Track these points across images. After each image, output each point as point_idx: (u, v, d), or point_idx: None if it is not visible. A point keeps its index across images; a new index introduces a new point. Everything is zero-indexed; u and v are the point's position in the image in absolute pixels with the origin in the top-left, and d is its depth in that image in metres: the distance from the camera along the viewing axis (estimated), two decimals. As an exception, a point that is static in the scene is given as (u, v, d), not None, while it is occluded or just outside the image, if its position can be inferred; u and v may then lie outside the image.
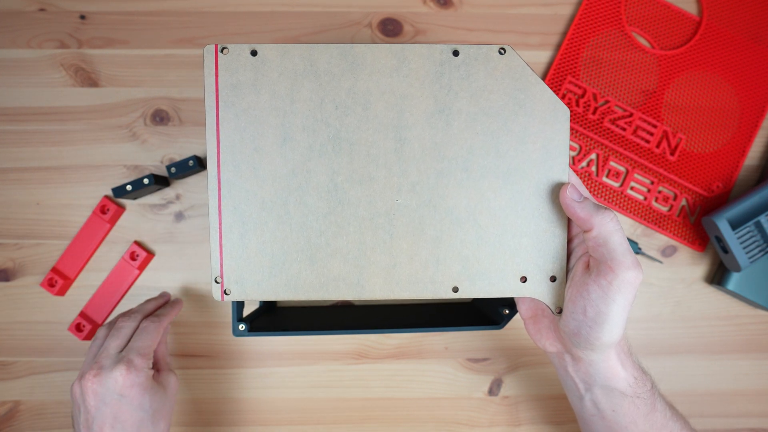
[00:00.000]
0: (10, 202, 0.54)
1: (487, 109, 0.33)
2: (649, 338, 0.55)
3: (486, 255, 0.34)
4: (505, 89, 0.33)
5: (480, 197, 0.34)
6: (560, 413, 0.55)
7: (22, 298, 0.54)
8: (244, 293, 0.33)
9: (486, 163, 0.34)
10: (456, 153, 0.33)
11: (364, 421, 0.54)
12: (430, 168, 0.33)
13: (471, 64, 0.33)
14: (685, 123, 0.57)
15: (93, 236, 0.54)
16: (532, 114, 0.34)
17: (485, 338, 0.55)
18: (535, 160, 0.34)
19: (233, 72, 0.32)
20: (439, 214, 0.34)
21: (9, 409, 0.53)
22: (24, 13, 0.55)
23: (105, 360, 0.41)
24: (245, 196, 0.33)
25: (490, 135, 0.34)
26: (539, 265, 0.34)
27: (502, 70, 0.33)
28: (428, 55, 0.33)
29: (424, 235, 0.34)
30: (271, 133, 0.33)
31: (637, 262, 0.32)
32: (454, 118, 0.33)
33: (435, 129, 0.33)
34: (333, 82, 0.33)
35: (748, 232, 0.52)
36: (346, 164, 0.33)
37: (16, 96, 0.54)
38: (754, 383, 0.56)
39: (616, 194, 0.56)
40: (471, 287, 0.34)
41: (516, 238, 0.34)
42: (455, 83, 0.33)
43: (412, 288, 0.34)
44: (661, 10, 0.57)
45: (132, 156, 0.55)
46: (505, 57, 0.33)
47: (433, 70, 0.33)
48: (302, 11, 0.56)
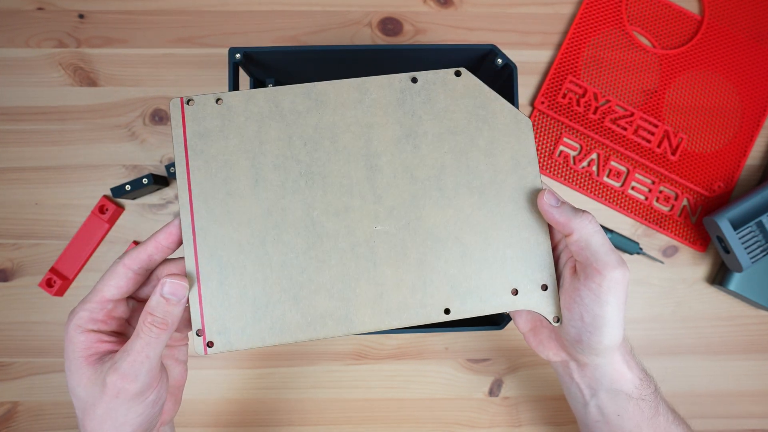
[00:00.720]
0: (9, 201, 0.54)
1: (451, 128, 0.34)
2: (650, 339, 0.55)
3: (473, 272, 0.33)
4: (466, 108, 0.34)
5: (458, 214, 0.34)
6: (560, 414, 0.55)
7: (20, 298, 0.54)
8: (228, 344, 0.32)
9: (459, 180, 0.34)
10: (428, 174, 0.34)
11: (364, 422, 0.54)
12: (405, 191, 0.34)
13: (430, 88, 0.34)
14: (687, 122, 0.56)
15: (92, 236, 0.53)
16: (495, 128, 0.34)
17: (485, 339, 0.55)
18: (506, 171, 0.34)
19: (200, 121, 0.32)
20: (420, 236, 0.33)
21: (7, 409, 0.53)
22: (22, 12, 0.54)
23: None
24: (221, 241, 0.32)
25: (458, 153, 0.34)
26: (528, 275, 0.34)
27: (461, 91, 0.34)
28: (388, 85, 0.34)
29: (407, 259, 0.33)
30: (242, 176, 0.32)
31: (622, 260, 0.32)
32: (421, 140, 0.34)
33: (404, 153, 0.34)
34: (299, 120, 0.33)
35: (749, 232, 0.51)
36: (321, 197, 0.33)
37: (15, 95, 0.54)
38: (756, 384, 0.55)
39: (617, 194, 0.56)
40: (462, 307, 0.33)
41: (500, 251, 0.34)
42: (418, 108, 0.34)
43: (403, 315, 0.33)
44: (663, 10, 0.57)
45: (131, 156, 0.54)
46: (461, 78, 0.34)
47: (394, 98, 0.34)
48: (301, 10, 0.56)
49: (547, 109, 0.56)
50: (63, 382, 0.53)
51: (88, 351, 0.30)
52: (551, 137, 0.56)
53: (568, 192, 0.56)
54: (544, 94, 0.56)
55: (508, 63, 0.44)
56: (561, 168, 0.56)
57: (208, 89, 0.55)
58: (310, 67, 0.48)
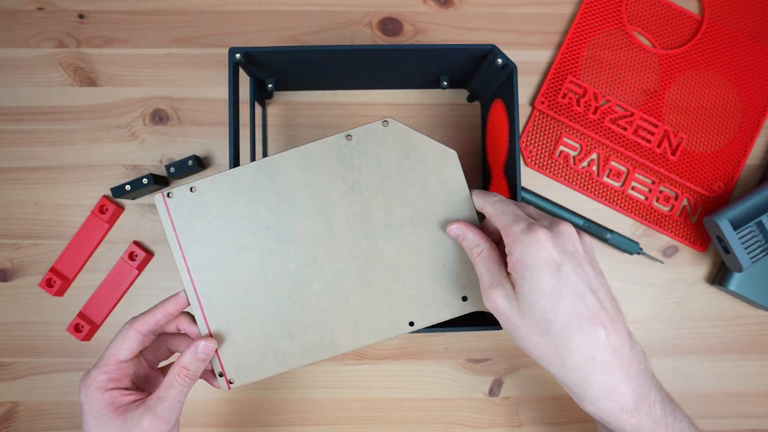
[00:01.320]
0: (9, 202, 0.54)
1: (388, 173, 0.39)
2: (650, 338, 0.55)
3: (427, 288, 0.39)
4: (397, 153, 0.39)
5: (406, 244, 0.39)
6: (561, 414, 0.55)
7: (20, 298, 0.54)
8: (245, 378, 0.39)
9: (402, 216, 0.39)
10: (375, 216, 0.39)
11: (364, 422, 0.54)
12: (359, 234, 0.39)
13: (363, 141, 0.39)
14: (687, 123, 0.56)
15: (92, 236, 0.53)
16: (425, 165, 0.39)
17: (485, 339, 0.55)
18: (440, 200, 0.39)
19: (182, 209, 0.38)
20: (379, 267, 0.39)
21: (7, 410, 0.53)
22: (22, 12, 0.54)
23: None
24: (222, 301, 0.38)
25: (397, 193, 0.39)
26: (473, 282, 0.39)
27: (391, 139, 0.39)
28: (328, 146, 0.39)
29: (372, 289, 0.39)
30: (226, 247, 0.38)
31: (534, 224, 0.33)
32: (365, 188, 0.39)
33: (352, 202, 0.39)
34: (261, 191, 0.38)
35: (749, 232, 0.51)
36: (293, 252, 0.39)
37: (15, 95, 0.54)
38: (756, 384, 0.55)
39: (617, 194, 0.56)
40: (423, 318, 0.39)
41: (446, 267, 0.39)
42: (356, 161, 0.39)
43: (376, 333, 0.39)
44: (663, 9, 0.57)
45: (131, 156, 0.54)
46: (389, 127, 0.39)
47: (335, 157, 0.39)
48: (301, 10, 0.56)
49: (547, 109, 0.56)
50: (63, 382, 0.53)
51: (115, 405, 0.35)
52: (551, 137, 0.56)
53: (568, 192, 0.56)
54: (544, 94, 0.56)
55: (508, 63, 0.44)
56: (561, 168, 0.56)
57: (208, 89, 0.55)
58: (310, 68, 0.48)
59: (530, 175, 0.56)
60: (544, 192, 0.56)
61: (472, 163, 0.56)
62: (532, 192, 0.54)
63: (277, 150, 0.55)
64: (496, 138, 0.50)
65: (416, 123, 0.55)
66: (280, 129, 0.55)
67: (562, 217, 0.54)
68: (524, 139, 0.56)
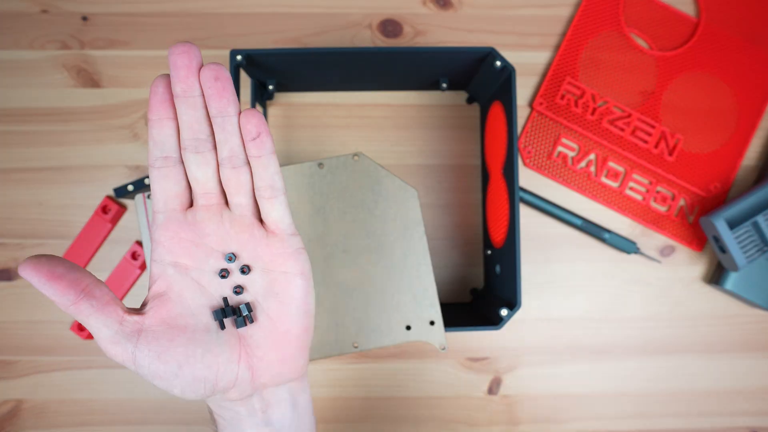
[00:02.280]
0: (13, 202, 0.54)
1: (353, 202, 0.41)
2: (648, 337, 0.56)
3: (374, 314, 0.41)
4: (363, 185, 0.41)
5: (361, 270, 0.41)
6: (559, 412, 0.55)
7: (24, 297, 0.54)
8: None
9: (360, 243, 0.41)
10: (335, 240, 0.41)
11: (364, 421, 0.55)
12: (317, 255, 0.41)
13: (333, 171, 0.41)
14: (683, 124, 0.57)
15: (95, 236, 0.54)
16: (387, 199, 0.42)
17: (485, 338, 0.55)
18: (396, 234, 0.42)
19: None
20: (332, 289, 0.41)
21: (11, 407, 0.54)
22: (26, 15, 0.55)
23: None
24: None
25: (359, 222, 0.41)
26: (417, 314, 0.42)
27: (359, 171, 0.41)
28: (300, 171, 0.41)
29: (322, 307, 0.41)
30: None
31: None
32: (329, 214, 0.41)
33: (315, 225, 0.41)
34: None
35: (745, 232, 0.52)
36: None
37: (19, 97, 0.55)
38: (752, 382, 0.56)
39: (614, 194, 0.56)
40: (367, 341, 0.41)
41: (395, 297, 0.41)
42: (325, 188, 0.41)
43: (321, 350, 0.41)
44: (660, 12, 0.58)
45: (133, 156, 0.55)
46: (359, 161, 0.41)
47: (306, 181, 0.41)
48: (302, 12, 0.56)
49: (546, 111, 0.56)
50: (66, 381, 0.54)
51: None
52: (549, 138, 0.57)
53: (566, 192, 0.57)
54: (543, 96, 0.56)
55: (506, 65, 0.45)
56: (559, 169, 0.56)
57: (210, 91, 0.55)
58: (311, 69, 0.49)
59: (529, 175, 0.57)
60: (542, 192, 0.56)
61: (471, 164, 0.56)
62: (530, 192, 0.55)
63: (277, 151, 0.55)
64: (494, 139, 0.50)
65: (416, 124, 0.56)
66: (281, 130, 0.56)
67: (562, 217, 0.55)
68: (523, 139, 0.57)
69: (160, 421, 0.54)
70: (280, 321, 0.29)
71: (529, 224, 0.56)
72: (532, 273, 0.56)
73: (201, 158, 0.28)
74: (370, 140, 0.56)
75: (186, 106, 0.27)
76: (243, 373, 0.29)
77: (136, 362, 0.26)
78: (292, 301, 0.29)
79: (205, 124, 0.27)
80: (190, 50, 0.26)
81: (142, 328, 0.27)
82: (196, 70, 0.26)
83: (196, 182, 0.28)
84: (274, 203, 0.28)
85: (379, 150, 0.56)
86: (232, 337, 0.29)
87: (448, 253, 0.56)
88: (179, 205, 0.28)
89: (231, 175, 0.28)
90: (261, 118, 0.27)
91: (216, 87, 0.26)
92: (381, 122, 0.56)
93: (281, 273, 0.29)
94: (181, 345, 0.27)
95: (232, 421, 0.30)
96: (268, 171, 0.28)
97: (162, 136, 0.27)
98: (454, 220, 0.56)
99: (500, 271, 0.49)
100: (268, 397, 0.30)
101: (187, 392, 0.27)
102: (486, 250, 0.54)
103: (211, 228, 0.29)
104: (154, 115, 0.27)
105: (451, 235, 0.56)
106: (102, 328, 0.26)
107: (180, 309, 0.28)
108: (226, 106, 0.27)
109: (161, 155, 0.27)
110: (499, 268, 0.50)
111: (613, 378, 0.56)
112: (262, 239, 0.29)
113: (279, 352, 0.29)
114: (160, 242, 0.28)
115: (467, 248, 0.56)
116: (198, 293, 0.28)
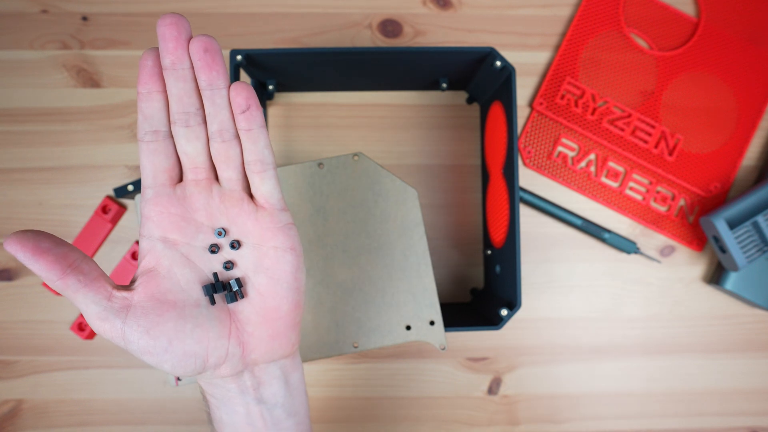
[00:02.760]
0: (13, 202, 0.54)
1: (352, 202, 0.41)
2: (648, 337, 0.56)
3: (374, 314, 0.41)
4: (363, 185, 0.41)
5: (360, 270, 0.41)
6: (559, 412, 0.55)
7: (24, 297, 0.54)
8: (192, 378, 0.41)
9: (360, 243, 0.41)
10: (335, 240, 0.41)
11: (364, 421, 0.55)
12: (317, 255, 0.41)
13: (333, 171, 0.41)
14: (683, 124, 0.57)
15: (95, 236, 0.54)
16: (387, 200, 0.41)
17: (484, 338, 0.55)
18: (397, 234, 0.41)
19: None
20: (331, 289, 0.41)
21: (11, 407, 0.54)
22: (26, 15, 0.55)
23: None
24: None
25: (358, 221, 0.41)
26: (417, 314, 0.41)
27: (359, 171, 0.41)
28: (300, 171, 0.41)
29: (322, 308, 0.41)
30: None
31: None
32: (329, 213, 0.41)
33: (315, 225, 0.41)
34: None
35: (745, 231, 0.52)
36: None
37: (19, 97, 0.55)
38: (752, 382, 0.56)
39: (614, 194, 0.56)
40: (367, 341, 0.41)
41: (395, 297, 0.41)
42: (325, 188, 0.41)
43: (321, 350, 0.41)
44: (660, 12, 0.58)
45: (134, 156, 0.55)
46: (359, 161, 0.41)
47: (306, 181, 0.41)
48: (303, 12, 0.56)
49: (546, 111, 0.56)
50: (66, 380, 0.54)
51: None
52: (550, 138, 0.57)
53: (566, 192, 0.57)
54: (543, 96, 0.56)
55: (506, 66, 0.45)
56: (559, 169, 0.56)
57: (209, 91, 0.55)
58: (311, 69, 0.49)
59: (529, 175, 0.57)
60: (542, 192, 0.56)
61: (471, 164, 0.56)
62: (530, 192, 0.55)
63: (277, 151, 0.55)
64: (495, 139, 0.50)
65: (416, 124, 0.56)
66: (281, 130, 0.56)
67: (562, 217, 0.55)
68: (523, 139, 0.57)
69: (160, 421, 0.54)
70: (270, 296, 0.29)
71: (529, 224, 0.56)
72: (532, 273, 0.56)
73: (190, 132, 0.27)
74: (370, 140, 0.56)
75: (175, 78, 0.26)
76: (233, 348, 0.29)
77: (125, 338, 0.26)
78: (282, 276, 0.29)
79: (194, 97, 0.27)
80: (178, 21, 0.25)
81: (131, 303, 0.27)
82: (186, 42, 0.26)
83: (185, 156, 0.28)
84: (263, 177, 0.28)
85: (379, 150, 0.56)
86: (223, 312, 0.29)
87: (448, 253, 0.56)
88: (168, 180, 0.28)
89: (221, 149, 0.28)
90: (251, 91, 0.27)
91: (205, 59, 0.26)
92: (381, 122, 0.56)
93: (271, 248, 0.29)
94: (170, 320, 0.27)
95: (223, 399, 0.30)
96: (258, 145, 0.28)
97: (151, 109, 0.27)
98: (454, 220, 0.56)
99: (500, 271, 0.49)
100: (260, 375, 0.30)
101: (177, 368, 0.27)
102: (486, 250, 0.54)
103: (200, 203, 0.28)
104: (143, 88, 0.26)
105: (451, 235, 0.56)
106: (90, 304, 0.26)
107: (169, 284, 0.28)
108: (215, 78, 0.26)
109: (150, 129, 0.27)
110: (499, 268, 0.50)
111: (613, 378, 0.56)
112: (252, 214, 0.29)
113: (269, 328, 0.29)
114: (149, 217, 0.28)
115: (467, 248, 0.56)
116: (187, 268, 0.28)
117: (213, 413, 0.31)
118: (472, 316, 0.49)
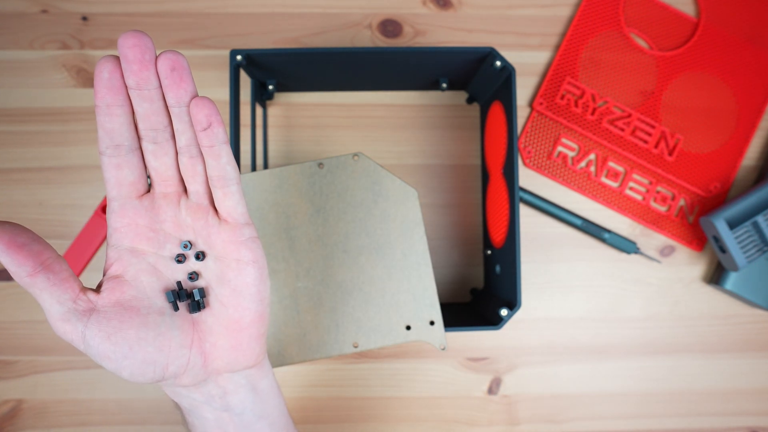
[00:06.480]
0: (13, 202, 0.54)
1: (352, 202, 0.41)
2: (648, 337, 0.56)
3: (374, 314, 0.41)
4: (363, 185, 0.42)
5: (360, 270, 0.41)
6: (559, 412, 0.55)
7: (24, 297, 0.54)
8: None
9: (360, 243, 0.41)
10: (335, 240, 0.41)
11: (364, 420, 0.55)
12: (318, 255, 0.41)
13: (333, 171, 0.41)
14: (683, 124, 0.57)
15: (95, 236, 0.54)
16: (387, 200, 0.42)
17: (484, 338, 0.55)
18: (397, 234, 0.42)
19: None
20: (331, 288, 0.41)
21: (11, 407, 0.54)
22: (26, 15, 0.55)
23: None
24: None
25: (358, 221, 0.42)
26: (417, 314, 0.42)
27: (359, 171, 0.42)
28: (300, 171, 0.41)
29: (323, 307, 0.41)
30: None
31: None
32: (329, 213, 0.41)
33: (316, 225, 0.41)
34: None
35: (745, 232, 0.52)
36: None
37: (19, 97, 0.55)
38: (752, 382, 0.56)
39: (614, 194, 0.56)
40: (367, 341, 0.41)
41: (395, 297, 0.41)
42: (325, 188, 0.41)
43: (321, 350, 0.41)
44: (659, 12, 0.58)
45: (133, 156, 0.55)
46: (359, 161, 0.42)
47: (306, 181, 0.41)
48: (302, 12, 0.56)
49: (546, 111, 0.56)
50: (66, 380, 0.54)
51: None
52: (549, 138, 0.57)
53: (566, 192, 0.57)
54: (543, 96, 0.56)
55: (506, 66, 0.45)
56: (559, 169, 0.56)
57: (210, 91, 0.55)
58: (311, 69, 0.49)
59: (529, 175, 0.57)
60: (542, 192, 0.56)
61: (471, 164, 0.56)
62: (530, 192, 0.55)
63: (277, 151, 0.55)
64: (495, 139, 0.50)
65: (416, 124, 0.56)
66: (280, 130, 0.56)
67: (562, 217, 0.55)
68: (523, 139, 0.57)
69: (160, 421, 0.54)
70: (232, 307, 0.29)
71: (529, 224, 0.56)
72: (532, 273, 0.56)
73: (159, 148, 0.27)
74: (370, 140, 0.56)
75: (141, 98, 0.26)
76: (195, 358, 0.29)
77: (85, 341, 0.26)
78: (244, 288, 0.29)
79: (162, 115, 0.27)
80: (141, 42, 0.24)
81: (95, 307, 0.27)
82: (150, 63, 0.25)
83: (154, 171, 0.28)
84: (226, 192, 0.28)
85: (379, 150, 0.56)
86: (186, 322, 0.29)
87: (448, 253, 0.56)
88: (134, 192, 0.28)
89: (188, 164, 0.28)
90: (213, 107, 0.26)
91: (173, 77, 0.25)
92: (381, 122, 0.56)
93: (234, 260, 0.29)
94: (132, 327, 0.27)
95: (191, 409, 0.31)
96: (220, 161, 0.27)
97: (111, 124, 0.26)
98: (454, 220, 0.56)
99: (500, 271, 0.49)
100: (224, 384, 0.31)
101: (136, 375, 0.27)
102: (486, 250, 0.54)
103: (168, 214, 0.29)
104: (100, 101, 0.25)
105: (451, 235, 0.56)
106: (54, 304, 0.26)
107: (135, 292, 0.28)
108: (184, 96, 0.26)
109: (112, 144, 0.26)
110: (499, 268, 0.50)
111: (613, 378, 0.56)
112: (215, 227, 0.29)
113: (232, 339, 0.30)
114: (117, 228, 0.28)
115: (467, 248, 0.56)
116: (154, 277, 0.28)
117: (185, 417, 0.32)
118: (472, 316, 0.49)
